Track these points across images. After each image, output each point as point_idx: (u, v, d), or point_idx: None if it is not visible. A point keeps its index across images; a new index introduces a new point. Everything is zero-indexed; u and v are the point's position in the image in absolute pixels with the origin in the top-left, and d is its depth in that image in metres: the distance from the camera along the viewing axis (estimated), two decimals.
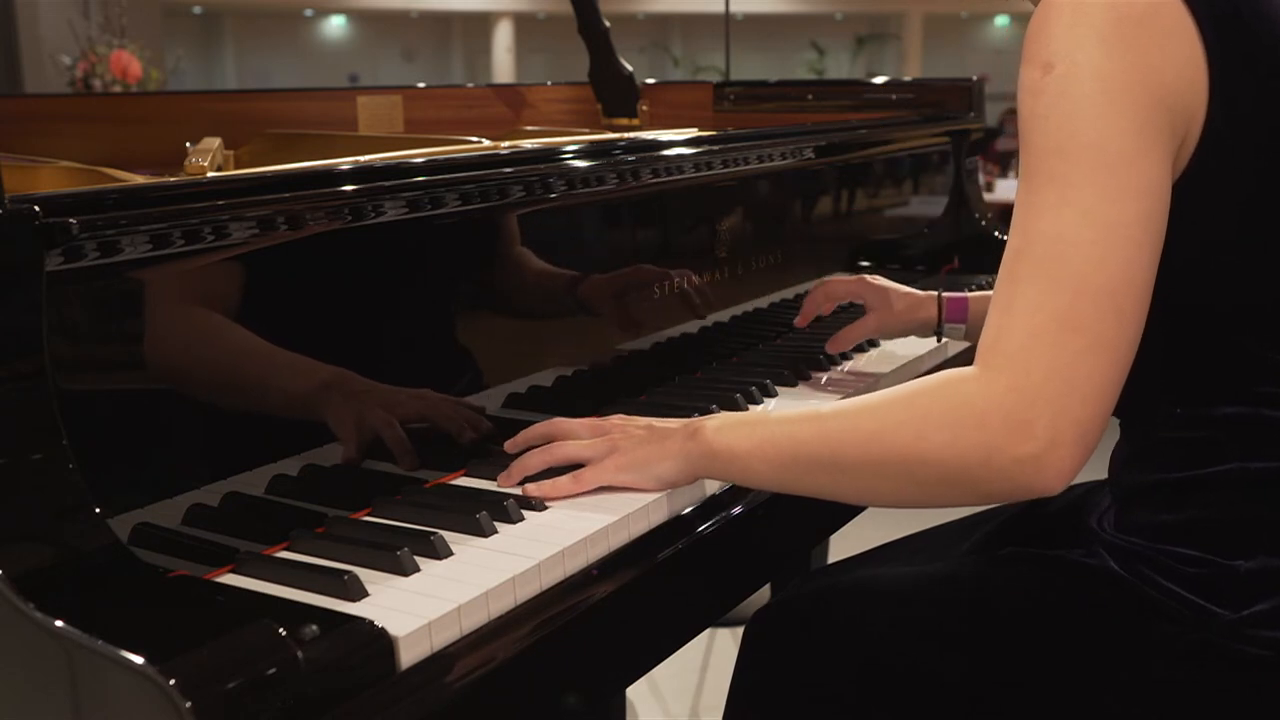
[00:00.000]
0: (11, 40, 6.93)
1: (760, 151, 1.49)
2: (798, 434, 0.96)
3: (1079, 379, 0.85)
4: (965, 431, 0.87)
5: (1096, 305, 0.86)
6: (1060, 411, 0.85)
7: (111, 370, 0.85)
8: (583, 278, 1.24)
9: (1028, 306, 0.87)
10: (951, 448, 0.88)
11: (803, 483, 0.98)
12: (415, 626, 0.76)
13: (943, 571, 1.11)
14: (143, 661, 0.63)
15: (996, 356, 0.88)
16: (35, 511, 0.74)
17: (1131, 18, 0.88)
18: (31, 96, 3.78)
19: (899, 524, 1.34)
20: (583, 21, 2.06)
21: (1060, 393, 0.85)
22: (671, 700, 2.62)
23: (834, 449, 0.94)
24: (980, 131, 2.09)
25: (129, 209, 0.82)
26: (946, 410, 0.89)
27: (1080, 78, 0.88)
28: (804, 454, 0.95)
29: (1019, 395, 0.86)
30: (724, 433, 0.99)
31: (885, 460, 0.92)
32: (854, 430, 0.93)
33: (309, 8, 18.35)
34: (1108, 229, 0.86)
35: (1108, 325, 0.86)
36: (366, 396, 1.00)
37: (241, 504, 0.91)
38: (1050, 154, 0.88)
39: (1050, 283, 0.86)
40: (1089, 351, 0.85)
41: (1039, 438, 0.85)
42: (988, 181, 7.87)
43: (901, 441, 0.90)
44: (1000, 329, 0.89)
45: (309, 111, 1.85)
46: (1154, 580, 0.96)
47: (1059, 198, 0.87)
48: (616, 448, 1.02)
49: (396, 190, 1.01)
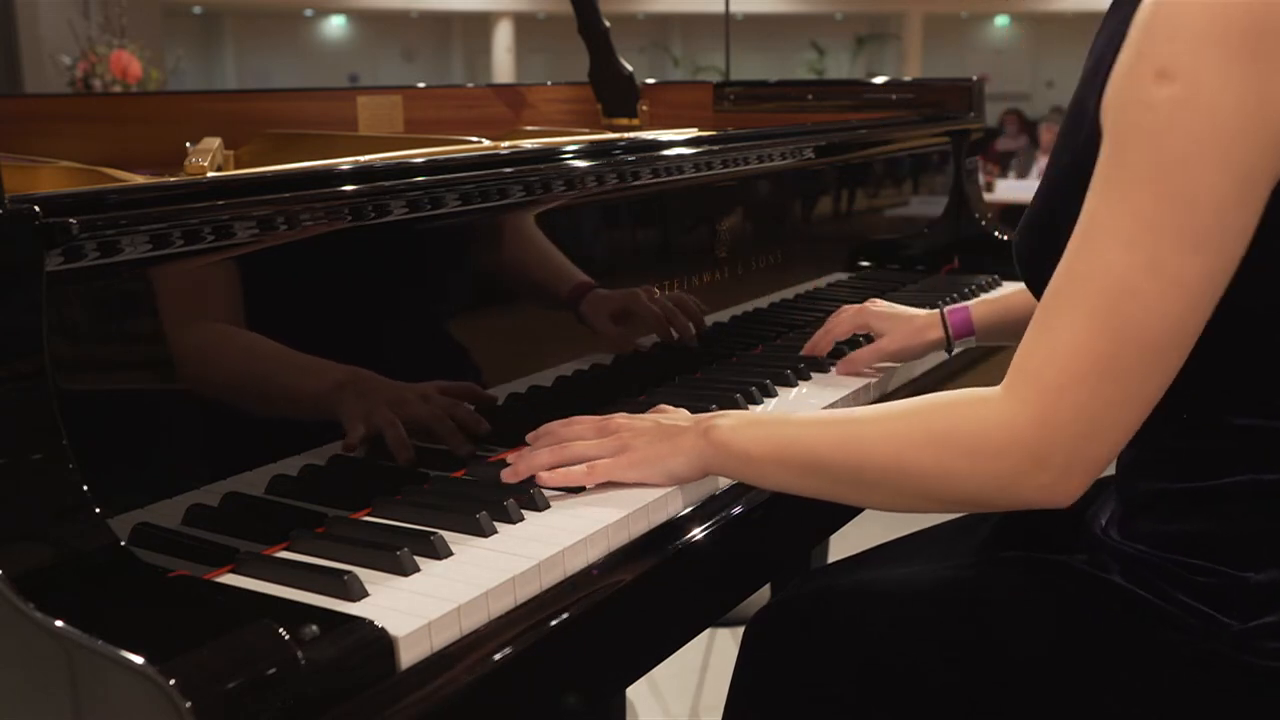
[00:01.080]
0: (11, 40, 6.93)
1: (760, 151, 1.49)
2: (817, 445, 0.97)
3: (1104, 426, 0.86)
4: (984, 461, 0.89)
5: (1141, 359, 0.85)
6: (1079, 450, 0.86)
7: (111, 370, 0.85)
8: (582, 284, 1.24)
9: (1071, 343, 0.86)
10: (970, 477, 0.90)
11: (817, 490, 0.99)
12: (415, 626, 0.76)
13: (944, 575, 1.11)
14: (143, 661, 0.63)
15: (1028, 388, 0.88)
16: (35, 511, 0.74)
17: (1270, 31, 0.80)
18: (31, 96, 3.78)
19: (899, 524, 1.34)
20: (583, 21, 2.06)
21: (1083, 434, 0.86)
22: (671, 700, 2.62)
23: (855, 462, 0.95)
24: (980, 131, 2.09)
25: (129, 209, 0.82)
26: (967, 437, 0.90)
27: (1199, 108, 0.81)
28: (822, 464, 0.96)
29: (1042, 431, 0.86)
30: (739, 432, 1.00)
31: (904, 478, 0.93)
32: (873, 447, 0.94)
33: (309, 8, 18.34)
34: (1174, 284, 0.83)
35: (1147, 379, 0.85)
36: (373, 394, 1.00)
37: (241, 504, 0.91)
38: (1142, 183, 0.83)
39: (1101, 326, 0.84)
40: (1122, 404, 0.86)
41: (1054, 469, 0.87)
42: (988, 181, 7.88)
43: (921, 463, 0.91)
44: (1036, 357, 0.88)
45: (309, 111, 1.85)
46: (1160, 588, 0.96)
47: (1133, 236, 0.83)
48: (627, 446, 1.02)
49: (396, 190, 1.01)
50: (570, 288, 1.23)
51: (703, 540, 0.98)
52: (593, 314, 1.25)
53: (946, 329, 1.39)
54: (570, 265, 1.23)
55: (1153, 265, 0.83)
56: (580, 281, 1.24)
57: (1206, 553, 0.95)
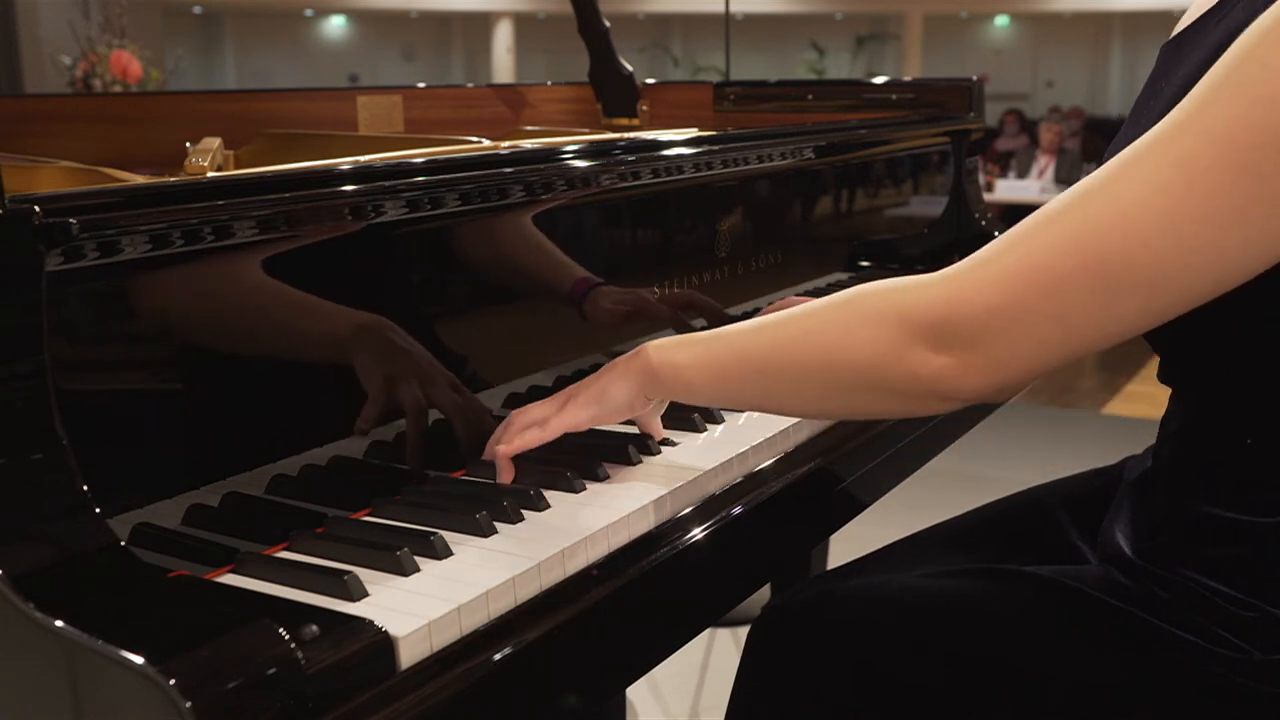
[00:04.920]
0: (11, 40, 6.94)
1: (760, 151, 1.49)
2: (734, 341, 0.95)
3: (1020, 334, 0.82)
4: (886, 328, 0.85)
5: (1093, 293, 0.80)
6: (985, 343, 0.82)
7: (111, 370, 0.85)
8: (582, 280, 1.24)
9: (1031, 248, 0.81)
10: (870, 344, 0.86)
11: (739, 393, 0.97)
12: (415, 626, 0.76)
13: (949, 584, 1.08)
14: (143, 661, 0.63)
15: (965, 271, 0.84)
16: (35, 511, 0.73)
17: None
18: (31, 96, 3.78)
19: (899, 524, 1.34)
20: (583, 21, 2.06)
21: (994, 330, 0.82)
22: (671, 700, 2.62)
23: (765, 352, 0.93)
24: (980, 131, 2.09)
25: (129, 209, 0.82)
26: (878, 307, 0.87)
27: None
28: (738, 361, 0.94)
29: (950, 312, 0.83)
30: (663, 349, 0.99)
31: (810, 361, 0.90)
32: (785, 331, 0.92)
33: (309, 8, 18.35)
34: (1180, 245, 0.77)
35: (1090, 314, 0.80)
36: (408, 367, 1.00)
37: (241, 504, 0.91)
38: (1212, 138, 0.76)
39: (1074, 247, 0.79)
40: (1049, 320, 0.81)
41: (954, 353, 0.83)
42: (988, 181, 7.89)
43: (827, 340, 0.89)
44: (995, 250, 0.84)
45: (309, 111, 1.85)
46: (1182, 611, 0.94)
47: (1168, 184, 0.77)
48: (571, 396, 1.02)
49: (396, 190, 1.01)
50: (571, 285, 1.23)
51: (702, 540, 0.98)
52: (596, 311, 1.25)
53: None
54: (571, 263, 1.23)
55: (1168, 219, 0.77)
56: (581, 278, 1.24)
57: (1251, 584, 0.92)
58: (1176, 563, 0.97)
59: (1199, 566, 0.95)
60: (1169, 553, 0.98)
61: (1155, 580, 0.97)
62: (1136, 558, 1.00)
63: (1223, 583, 0.93)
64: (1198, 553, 0.95)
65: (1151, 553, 1.00)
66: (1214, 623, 0.93)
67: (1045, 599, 1.02)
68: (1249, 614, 0.91)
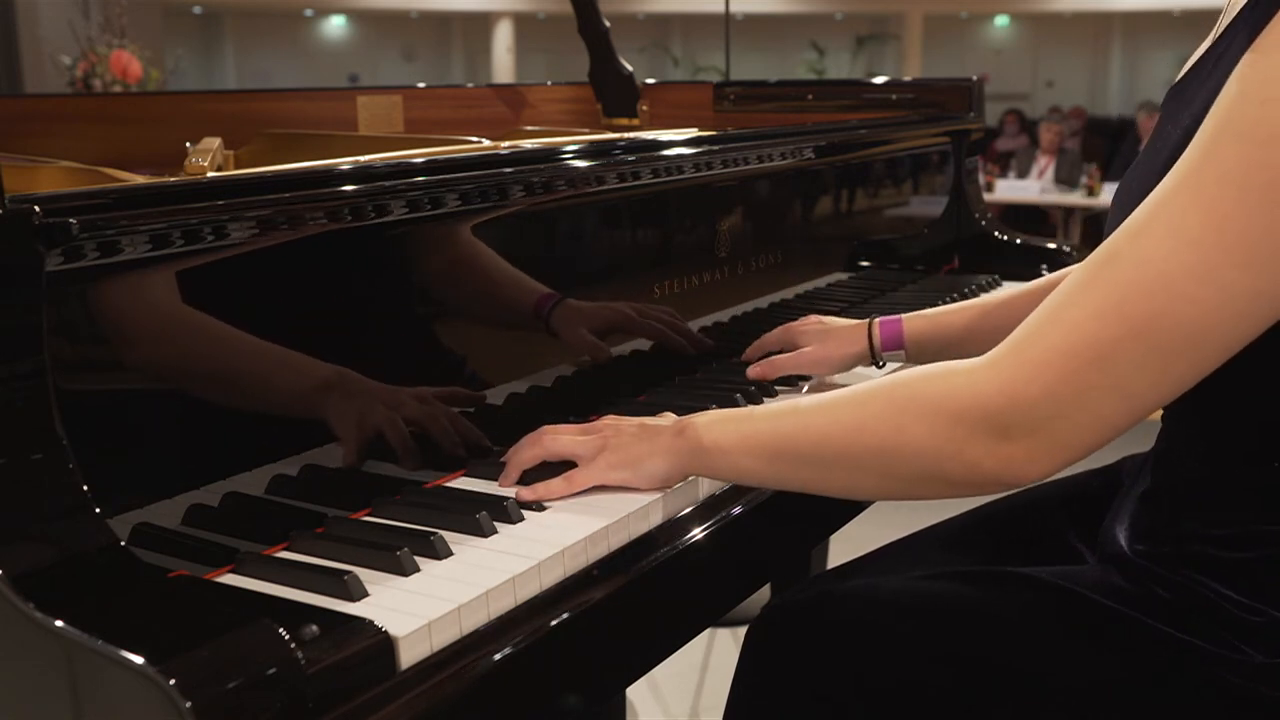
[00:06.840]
0: (11, 40, 6.94)
1: (760, 151, 1.49)
2: (781, 428, 0.95)
3: (1080, 410, 0.82)
4: (942, 424, 0.85)
5: (1147, 357, 0.80)
6: (1045, 429, 0.82)
7: (111, 370, 0.85)
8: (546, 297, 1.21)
9: (1074, 321, 0.81)
10: (927, 440, 0.86)
11: (789, 477, 0.97)
12: (415, 626, 0.76)
13: (948, 586, 1.08)
14: (143, 661, 0.63)
15: (1009, 356, 0.84)
16: (35, 511, 0.74)
17: None
18: (31, 96, 3.78)
19: (899, 524, 1.34)
20: (583, 21, 2.06)
21: (1053, 414, 0.82)
22: (671, 700, 2.62)
23: (816, 443, 0.93)
24: (980, 131, 2.09)
25: (129, 209, 0.82)
26: (928, 401, 0.87)
27: None
28: (788, 448, 0.94)
29: (1006, 400, 0.83)
30: (712, 429, 0.99)
31: (865, 454, 0.90)
32: (836, 424, 0.92)
33: (309, 8, 18.35)
34: (1220, 295, 0.77)
35: (1145, 379, 0.81)
36: (369, 395, 1.00)
37: (241, 504, 0.91)
38: (1231, 183, 0.77)
39: (1117, 313, 0.80)
40: (1108, 392, 0.81)
41: (1016, 442, 0.83)
42: (988, 181, 7.89)
43: (881, 434, 0.89)
44: (1030, 329, 0.84)
45: (309, 111, 1.85)
46: (1183, 612, 0.94)
47: (1199, 236, 0.78)
48: (607, 445, 1.01)
49: (396, 190, 1.01)
50: (534, 303, 1.21)
51: (703, 540, 0.98)
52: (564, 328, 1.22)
53: (873, 341, 1.34)
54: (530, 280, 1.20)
55: (1206, 270, 0.78)
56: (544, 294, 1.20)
57: (1254, 588, 0.91)
58: (1179, 564, 0.97)
59: (1202, 569, 0.95)
60: (1171, 554, 0.98)
61: (1156, 581, 0.97)
62: (1137, 558, 1.00)
63: (1227, 586, 0.93)
64: (1201, 555, 0.95)
65: (1153, 554, 1.00)
66: (1216, 625, 0.93)
67: (1044, 599, 1.02)
68: (1255, 619, 0.91)
